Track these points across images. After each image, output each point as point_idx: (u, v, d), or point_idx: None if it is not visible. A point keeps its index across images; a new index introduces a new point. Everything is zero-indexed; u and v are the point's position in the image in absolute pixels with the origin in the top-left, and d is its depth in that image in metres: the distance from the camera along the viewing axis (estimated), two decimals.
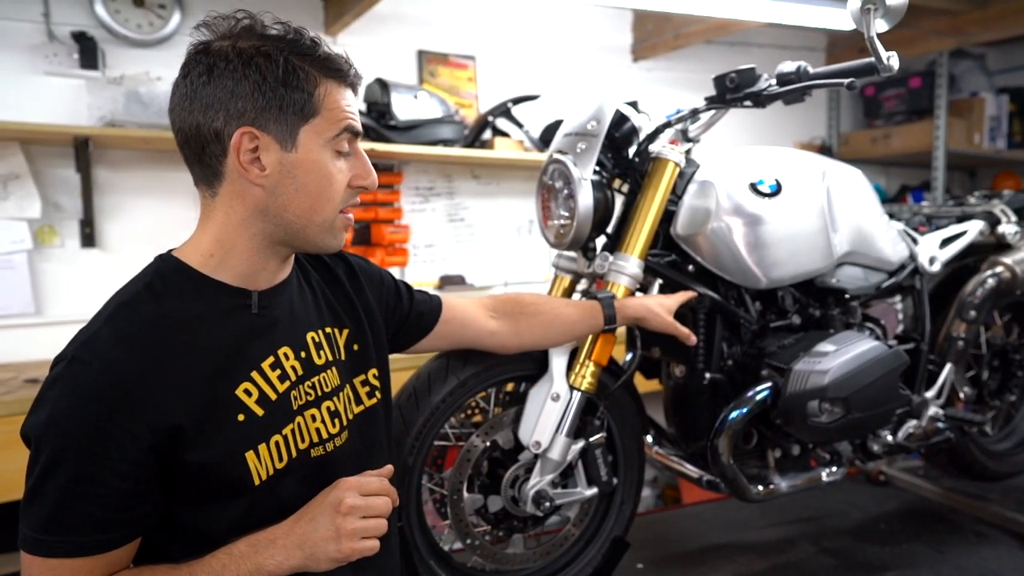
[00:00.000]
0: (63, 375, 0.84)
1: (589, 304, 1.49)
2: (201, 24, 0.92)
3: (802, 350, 1.57)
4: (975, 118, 3.92)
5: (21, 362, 2.37)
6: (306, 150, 0.93)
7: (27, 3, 2.35)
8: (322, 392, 1.03)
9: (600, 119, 1.57)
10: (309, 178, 0.93)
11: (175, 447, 0.86)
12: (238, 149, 0.90)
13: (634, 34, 3.57)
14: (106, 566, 0.86)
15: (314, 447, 1.00)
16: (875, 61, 1.32)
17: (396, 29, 3.01)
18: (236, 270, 0.95)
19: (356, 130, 0.97)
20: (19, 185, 2.31)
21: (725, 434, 1.57)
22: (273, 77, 0.89)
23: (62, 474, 0.81)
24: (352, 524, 0.91)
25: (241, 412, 0.92)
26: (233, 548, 0.89)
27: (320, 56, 0.93)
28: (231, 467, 0.90)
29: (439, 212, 3.17)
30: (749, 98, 1.51)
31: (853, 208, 1.76)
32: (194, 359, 0.89)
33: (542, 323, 1.44)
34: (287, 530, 0.91)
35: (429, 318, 1.32)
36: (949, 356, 1.98)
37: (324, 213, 0.96)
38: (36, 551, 0.83)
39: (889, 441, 1.86)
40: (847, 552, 2.05)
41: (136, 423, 0.83)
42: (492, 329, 1.41)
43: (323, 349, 1.05)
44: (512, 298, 1.46)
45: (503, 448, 1.54)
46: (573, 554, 1.67)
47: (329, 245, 1.00)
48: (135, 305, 0.89)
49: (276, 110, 0.90)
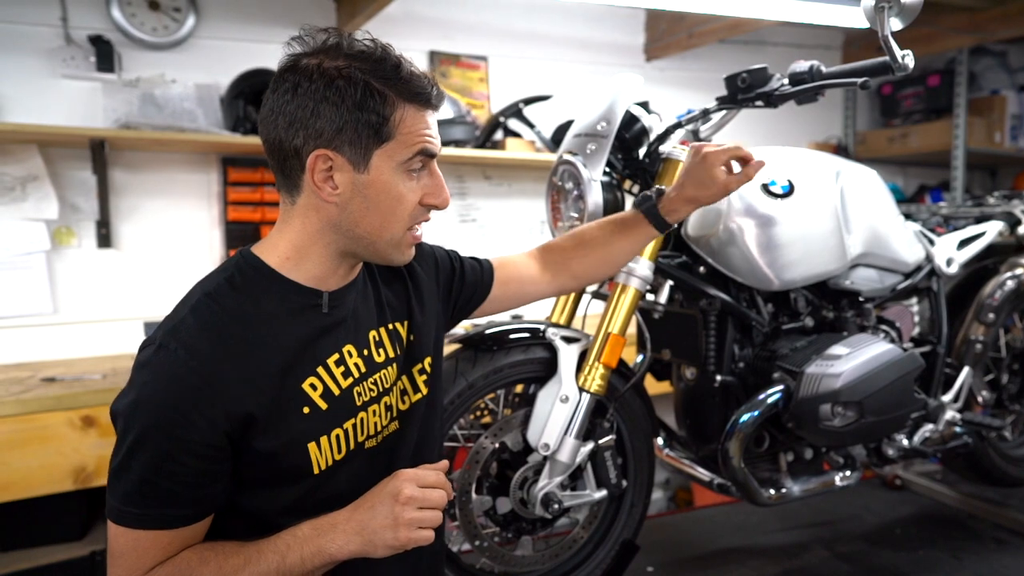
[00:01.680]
0: (151, 360, 0.90)
1: (632, 218, 1.40)
2: (294, 38, 0.96)
3: (814, 353, 1.55)
4: (996, 116, 3.85)
5: (39, 361, 2.41)
6: (378, 172, 0.96)
7: (45, 8, 2.39)
8: (382, 388, 1.08)
9: (610, 120, 1.56)
10: (379, 198, 0.97)
11: (246, 434, 0.92)
12: (313, 169, 0.94)
13: (647, 34, 3.55)
14: (184, 539, 0.92)
15: (369, 439, 1.06)
16: (890, 60, 1.30)
17: (408, 30, 3.02)
18: (309, 272, 1.00)
19: (431, 153, 0.99)
20: (37, 186, 2.34)
21: (736, 437, 1.56)
22: (351, 100, 0.92)
23: (147, 452, 0.88)
24: (410, 514, 0.94)
25: (307, 405, 0.97)
26: (297, 531, 0.94)
27: (403, 79, 0.95)
28: (294, 456, 0.96)
29: (451, 213, 3.17)
30: (761, 98, 1.48)
31: (867, 208, 1.74)
32: (267, 353, 0.94)
33: (595, 259, 1.40)
34: (348, 516, 0.95)
35: (483, 287, 1.33)
36: (967, 359, 1.95)
37: (392, 231, 0.99)
38: (122, 521, 0.90)
39: (905, 445, 1.83)
40: (861, 557, 2.03)
41: (215, 409, 0.89)
42: (548, 279, 1.39)
43: (383, 347, 1.09)
44: (555, 246, 1.42)
45: (512, 450, 1.54)
46: (582, 556, 1.66)
47: (396, 260, 1.04)
48: (217, 297, 0.95)
49: (352, 132, 0.93)
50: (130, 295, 2.55)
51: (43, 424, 1.92)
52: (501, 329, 1.53)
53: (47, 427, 1.93)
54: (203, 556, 0.92)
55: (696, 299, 1.66)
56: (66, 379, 2.11)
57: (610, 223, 1.41)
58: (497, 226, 3.25)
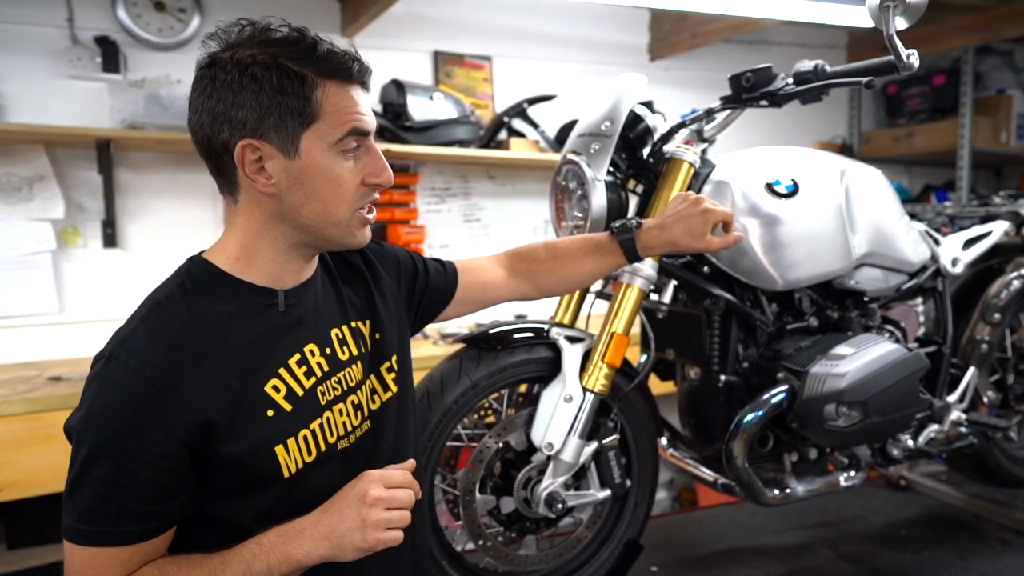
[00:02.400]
0: (100, 373, 0.88)
1: (606, 244, 1.39)
2: (208, 36, 0.94)
3: (819, 353, 1.55)
4: (1002, 116, 3.84)
5: (45, 360, 2.42)
6: (309, 155, 0.93)
7: (52, 9, 2.40)
8: (347, 387, 1.05)
9: (614, 119, 1.56)
10: (316, 182, 0.94)
11: (207, 442, 0.89)
12: (243, 161, 0.92)
13: (651, 33, 3.55)
14: (144, 554, 0.89)
15: (340, 439, 1.03)
16: (895, 59, 1.29)
17: (412, 30, 3.02)
18: (262, 271, 0.98)
19: (362, 130, 0.96)
20: (43, 186, 2.35)
21: (740, 437, 1.56)
22: (269, 85, 0.90)
23: (100, 468, 0.85)
24: (377, 515, 0.92)
25: (270, 408, 0.95)
26: (263, 538, 0.91)
27: (319, 56, 0.92)
28: (261, 461, 0.93)
29: (455, 212, 3.17)
30: (765, 97, 1.48)
31: (872, 208, 1.73)
32: (224, 357, 0.92)
33: (561, 276, 1.40)
34: (314, 521, 0.93)
35: (447, 289, 1.32)
36: (972, 359, 1.95)
37: (338, 214, 0.97)
38: (77, 540, 0.87)
39: (910, 446, 1.82)
40: (866, 558, 2.02)
41: (169, 419, 0.86)
42: (513, 287, 1.40)
43: (347, 345, 1.07)
44: (527, 253, 1.41)
45: (516, 449, 1.54)
46: (586, 556, 1.66)
47: (350, 243, 1.01)
48: (168, 305, 0.93)
49: (275, 118, 0.90)
50: (136, 295, 2.48)
51: (49, 423, 1.93)
52: (505, 328, 1.53)
53: (53, 426, 1.94)
54: (164, 570, 0.89)
55: (700, 299, 1.66)
56: (72, 378, 2.12)
57: (584, 242, 1.41)
58: (501, 226, 3.26)
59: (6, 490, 1.90)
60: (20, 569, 2.05)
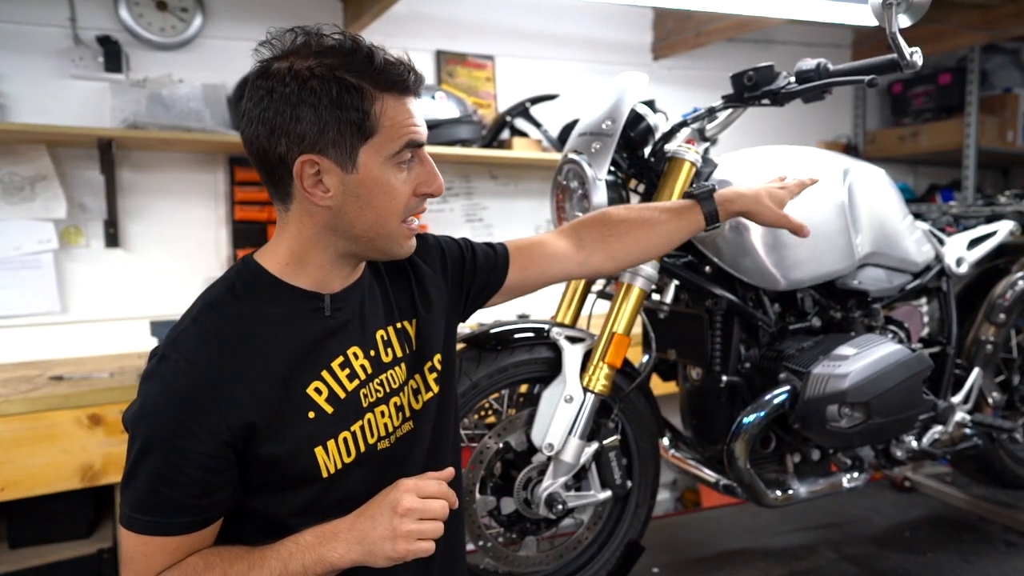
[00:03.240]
0: (154, 371, 0.92)
1: (686, 206, 1.35)
2: (261, 43, 0.94)
3: (821, 353, 1.54)
4: (1008, 115, 3.82)
5: (47, 360, 2.42)
6: (367, 169, 0.94)
7: (54, 8, 2.40)
8: (390, 389, 1.06)
9: (615, 118, 1.55)
10: (372, 195, 0.95)
11: (248, 443, 0.92)
12: (301, 176, 0.93)
13: (654, 32, 3.54)
14: (191, 544, 0.93)
15: (381, 440, 1.05)
16: (898, 57, 1.28)
17: (414, 29, 3.02)
18: (311, 277, 0.99)
19: (418, 142, 0.96)
20: (45, 186, 2.35)
21: (741, 438, 1.55)
22: (328, 99, 0.89)
23: (152, 462, 0.89)
24: (408, 526, 0.92)
25: (312, 410, 0.97)
26: (300, 538, 0.93)
27: (377, 68, 0.92)
28: (301, 460, 0.95)
29: (457, 212, 3.17)
30: (767, 96, 1.47)
31: (876, 208, 1.72)
32: (269, 360, 0.94)
33: (637, 240, 1.32)
34: (349, 525, 0.94)
35: (497, 274, 1.26)
36: (977, 360, 1.93)
37: (390, 226, 0.98)
38: (132, 527, 0.91)
39: (914, 447, 1.81)
40: (869, 560, 2.01)
41: (213, 421, 0.89)
42: (580, 259, 1.31)
43: (391, 346, 1.08)
44: (598, 219, 1.33)
45: (516, 450, 1.53)
46: (587, 557, 1.65)
47: (397, 254, 1.03)
48: (218, 306, 0.95)
49: (334, 133, 0.91)
50: (137, 294, 2.56)
51: (51, 422, 1.94)
52: (506, 328, 1.52)
53: (55, 425, 1.94)
54: (208, 561, 0.93)
55: (702, 299, 1.65)
56: (74, 377, 2.12)
57: (661, 204, 1.37)
58: (504, 225, 3.25)
59: (7, 489, 1.90)
60: (21, 568, 2.05)
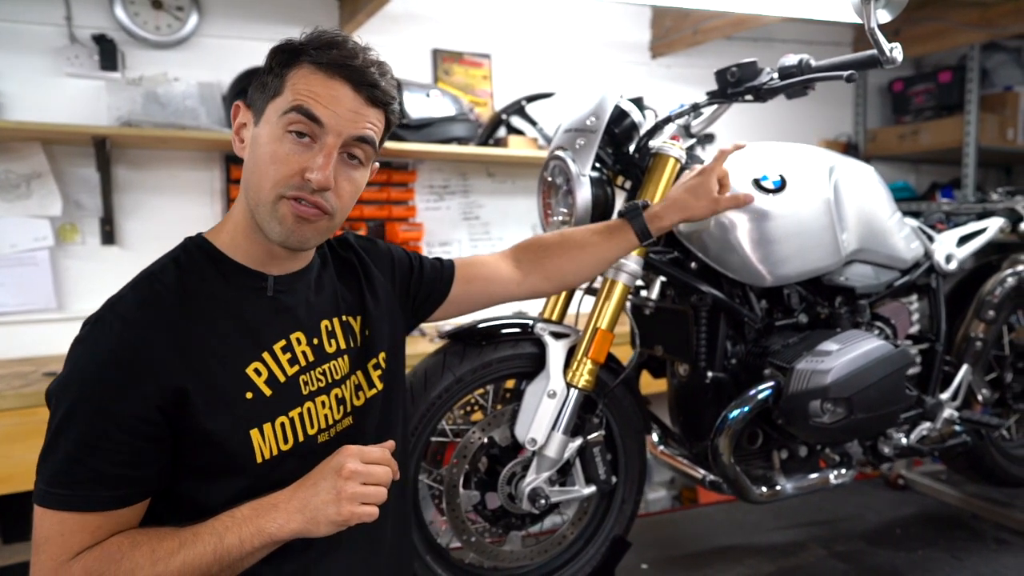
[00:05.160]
0: (87, 335, 0.90)
1: (616, 225, 1.40)
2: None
3: (805, 349, 1.54)
4: (1008, 113, 3.79)
5: (42, 356, 2.44)
6: (265, 126, 0.96)
7: (50, 7, 2.42)
8: (332, 379, 1.06)
9: (599, 115, 1.55)
10: (260, 152, 0.95)
11: (181, 412, 0.89)
12: (234, 118, 0.99)
13: (652, 30, 3.54)
14: (114, 524, 0.88)
15: (321, 432, 1.04)
16: (877, 53, 1.28)
17: (410, 28, 3.03)
18: (249, 252, 0.99)
19: (308, 110, 0.91)
20: (41, 184, 2.37)
21: (725, 433, 1.55)
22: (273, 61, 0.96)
23: (75, 429, 0.85)
24: (352, 488, 0.92)
25: (250, 390, 0.95)
26: (236, 512, 0.91)
27: (323, 44, 0.94)
28: (235, 442, 0.93)
29: (454, 210, 3.18)
30: (750, 92, 1.47)
31: (862, 204, 1.72)
32: (207, 332, 0.93)
33: (570, 260, 1.37)
34: (289, 495, 0.93)
35: (442, 287, 1.30)
36: (966, 357, 1.93)
37: (263, 192, 0.93)
38: (46, 503, 0.86)
39: (902, 443, 1.81)
40: (859, 557, 2.00)
41: (146, 381, 0.87)
42: (519, 279, 1.36)
43: (335, 337, 1.08)
44: (534, 243, 1.39)
45: (500, 445, 1.54)
46: (572, 553, 1.65)
47: (270, 232, 0.95)
48: (160, 275, 0.95)
49: (260, 87, 0.97)
50: None
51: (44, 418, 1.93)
52: (491, 324, 1.53)
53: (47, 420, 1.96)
54: (135, 540, 0.88)
55: (688, 295, 1.65)
56: None
57: (594, 226, 1.42)
58: (500, 223, 3.26)
59: (1, 484, 1.92)
60: (16, 563, 2.07)
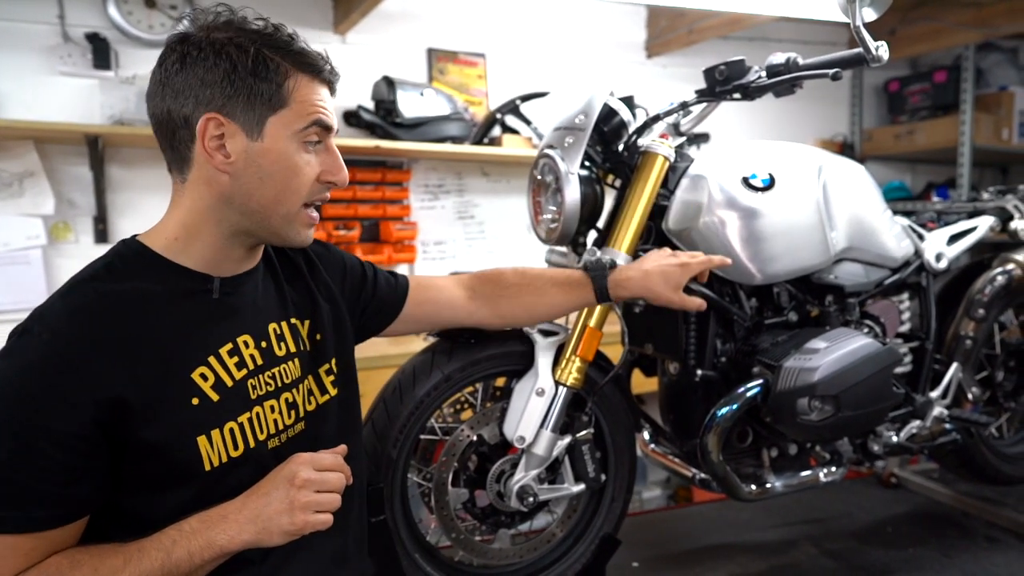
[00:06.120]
0: (13, 347, 0.85)
1: (578, 280, 1.40)
2: (182, 16, 0.97)
3: (793, 347, 1.54)
4: (1003, 113, 3.79)
5: None
6: (272, 140, 0.94)
7: (43, 6, 2.42)
8: (281, 383, 1.03)
9: (588, 113, 1.56)
10: (274, 168, 0.95)
11: (121, 423, 0.85)
12: (204, 135, 0.91)
13: (648, 30, 3.54)
14: (50, 545, 0.84)
15: (271, 438, 1.00)
16: (863, 51, 1.29)
17: (405, 27, 3.03)
18: (199, 255, 0.96)
19: (326, 124, 0.97)
20: (34, 182, 2.37)
21: (714, 431, 1.55)
22: (243, 67, 0.91)
23: (4, 444, 0.80)
24: (306, 497, 0.91)
25: (195, 396, 0.92)
26: (184, 524, 0.88)
27: (294, 50, 0.95)
28: (181, 450, 0.89)
29: (448, 209, 3.18)
30: (738, 90, 1.48)
31: (852, 203, 1.72)
32: (145, 337, 0.88)
33: (524, 305, 1.39)
34: (239, 506, 0.91)
35: (394, 303, 1.30)
36: (956, 356, 1.92)
37: (288, 204, 0.97)
38: None
39: (892, 441, 1.81)
40: (849, 555, 2.01)
41: (78, 393, 0.82)
42: (471, 310, 1.37)
43: (285, 341, 1.05)
44: (494, 277, 1.39)
45: (490, 443, 1.54)
46: (561, 551, 1.66)
47: (291, 238, 1.00)
48: (91, 282, 0.90)
49: (244, 99, 0.91)
50: None
51: None
52: None
53: None
54: (74, 559, 0.83)
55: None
56: None
57: (555, 273, 1.42)
58: (495, 222, 3.26)
59: None
60: None
